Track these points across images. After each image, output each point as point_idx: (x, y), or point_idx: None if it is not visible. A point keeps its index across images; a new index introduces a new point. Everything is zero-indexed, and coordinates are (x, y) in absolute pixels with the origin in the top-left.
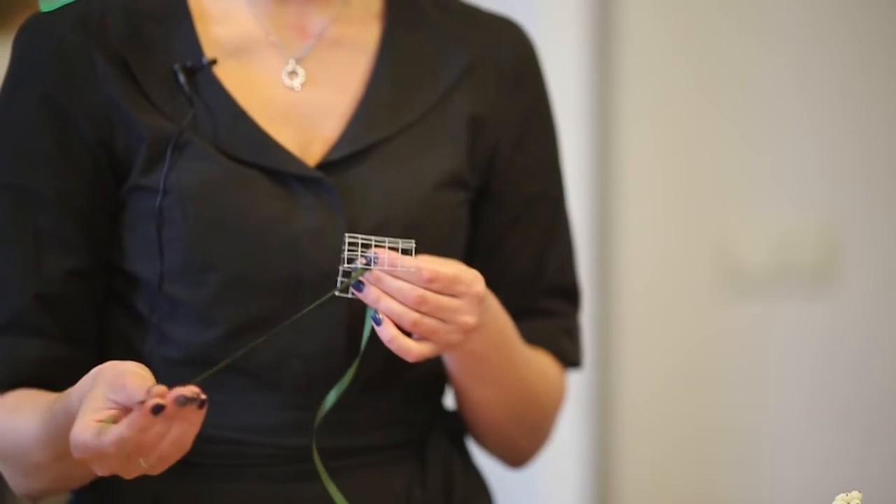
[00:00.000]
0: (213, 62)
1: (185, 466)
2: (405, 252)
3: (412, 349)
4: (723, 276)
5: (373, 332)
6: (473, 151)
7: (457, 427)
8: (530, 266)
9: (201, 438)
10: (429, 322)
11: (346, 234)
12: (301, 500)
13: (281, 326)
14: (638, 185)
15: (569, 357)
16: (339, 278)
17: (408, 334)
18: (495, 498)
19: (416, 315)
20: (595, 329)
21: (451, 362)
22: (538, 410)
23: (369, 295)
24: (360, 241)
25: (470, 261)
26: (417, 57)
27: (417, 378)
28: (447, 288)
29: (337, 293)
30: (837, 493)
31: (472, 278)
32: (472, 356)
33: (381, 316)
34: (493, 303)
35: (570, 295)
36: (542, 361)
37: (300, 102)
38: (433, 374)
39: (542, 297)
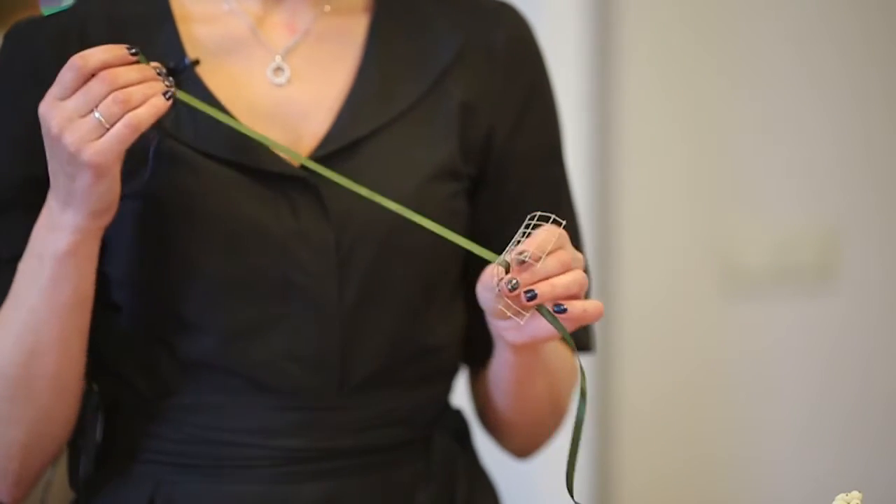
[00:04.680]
0: (196, 62)
1: (184, 468)
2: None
3: (600, 307)
4: (725, 278)
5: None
6: (466, 139)
7: (462, 426)
8: None
9: (199, 440)
10: (583, 276)
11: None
12: (299, 501)
13: None
14: (639, 185)
15: (580, 342)
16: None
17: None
18: (501, 498)
19: (577, 273)
20: (596, 330)
21: (515, 362)
22: (564, 397)
23: (544, 294)
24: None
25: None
26: (406, 47)
27: (419, 378)
28: (564, 239)
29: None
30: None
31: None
32: (540, 347)
33: (562, 304)
34: None
35: None
36: (560, 348)
37: (286, 99)
38: (436, 374)
39: None
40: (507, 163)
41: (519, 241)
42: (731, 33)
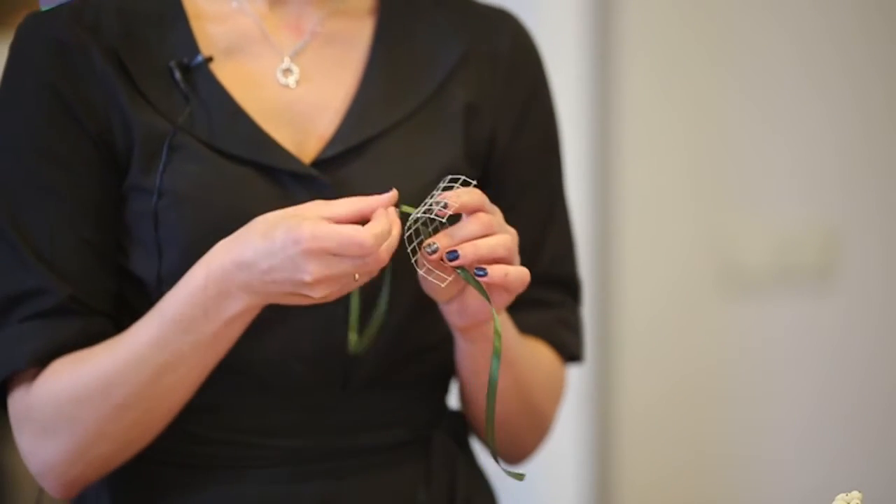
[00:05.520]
0: (210, 59)
1: (185, 468)
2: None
3: (524, 273)
4: (725, 278)
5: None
6: (470, 142)
7: (461, 427)
8: (525, 255)
9: (200, 439)
10: (510, 240)
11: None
12: (301, 501)
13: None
14: (639, 185)
15: (568, 350)
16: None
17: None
18: (499, 499)
19: (503, 236)
20: (595, 331)
21: (472, 351)
22: (539, 400)
23: (467, 254)
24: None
25: None
26: (411, 50)
27: (418, 377)
28: (491, 207)
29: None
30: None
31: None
32: (489, 337)
33: (484, 267)
34: None
35: (568, 286)
36: (537, 350)
37: (295, 100)
38: (436, 373)
39: (537, 286)
40: (507, 165)
41: (430, 205)
42: (731, 33)
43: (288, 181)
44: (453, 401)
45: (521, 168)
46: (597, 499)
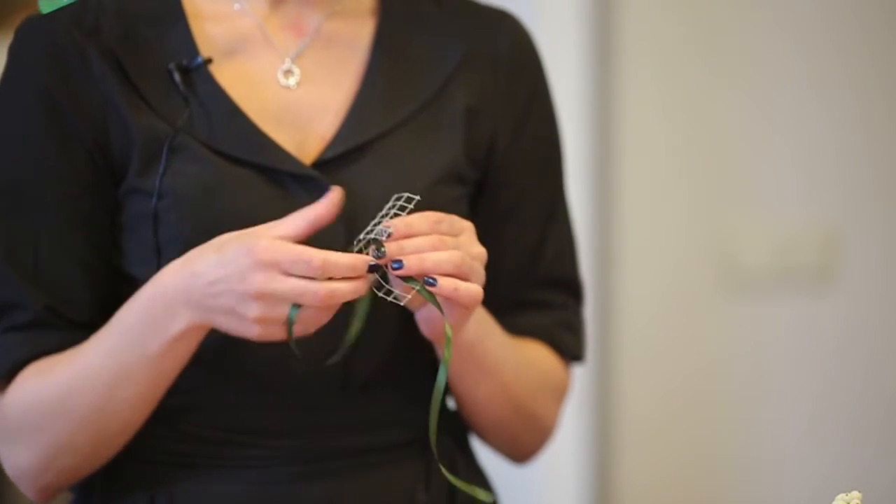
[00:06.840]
0: (209, 61)
1: (185, 468)
2: (403, 209)
3: (476, 291)
4: (725, 278)
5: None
6: (471, 144)
7: (460, 427)
8: (526, 256)
9: (200, 440)
10: (460, 257)
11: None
12: (300, 501)
13: None
14: (638, 185)
15: (569, 350)
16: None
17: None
18: (499, 499)
19: (452, 252)
20: (595, 331)
21: (455, 364)
22: (534, 403)
23: (411, 265)
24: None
25: None
26: (412, 52)
27: (417, 377)
28: (451, 228)
29: (380, 293)
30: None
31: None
32: (472, 348)
33: (435, 278)
34: None
35: (569, 287)
36: (533, 352)
37: (295, 101)
38: (434, 374)
39: (538, 288)
40: (508, 166)
41: (379, 221)
42: (731, 34)
43: (288, 182)
44: (452, 401)
45: (522, 169)
46: (597, 499)
